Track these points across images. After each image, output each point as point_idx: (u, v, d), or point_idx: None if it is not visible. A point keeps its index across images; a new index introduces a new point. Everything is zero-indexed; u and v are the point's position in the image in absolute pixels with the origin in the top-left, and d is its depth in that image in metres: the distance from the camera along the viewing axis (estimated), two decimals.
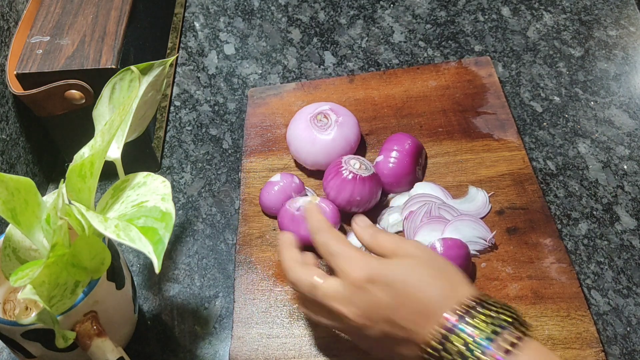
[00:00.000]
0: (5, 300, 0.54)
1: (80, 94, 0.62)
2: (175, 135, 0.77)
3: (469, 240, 0.58)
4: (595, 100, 0.72)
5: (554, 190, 0.65)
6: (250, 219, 0.66)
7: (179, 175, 0.72)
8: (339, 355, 0.55)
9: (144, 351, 0.59)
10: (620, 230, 0.61)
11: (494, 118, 0.70)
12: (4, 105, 0.65)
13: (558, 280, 0.56)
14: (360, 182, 0.60)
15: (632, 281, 0.57)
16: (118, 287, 0.52)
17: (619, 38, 0.77)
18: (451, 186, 0.65)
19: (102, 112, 0.52)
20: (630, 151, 0.66)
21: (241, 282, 0.61)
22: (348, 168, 0.60)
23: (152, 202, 0.44)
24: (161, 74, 0.53)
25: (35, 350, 0.49)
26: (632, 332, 0.54)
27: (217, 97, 0.80)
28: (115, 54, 0.61)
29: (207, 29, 0.89)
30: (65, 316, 0.47)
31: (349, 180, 0.60)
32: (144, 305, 0.62)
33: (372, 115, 0.73)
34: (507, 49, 0.79)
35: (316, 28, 0.86)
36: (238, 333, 0.58)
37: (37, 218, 0.46)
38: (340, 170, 0.60)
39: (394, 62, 0.80)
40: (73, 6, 0.67)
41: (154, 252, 0.40)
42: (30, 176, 0.69)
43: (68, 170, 0.44)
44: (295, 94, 0.76)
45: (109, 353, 0.47)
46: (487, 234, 0.59)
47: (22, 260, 0.50)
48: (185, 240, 0.67)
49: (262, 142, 0.72)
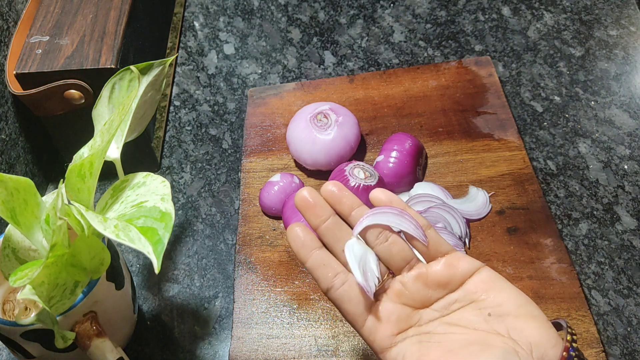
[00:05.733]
0: (5, 301, 0.54)
1: (79, 93, 0.62)
2: (174, 135, 0.76)
3: None
4: (596, 100, 0.72)
5: (554, 190, 0.64)
6: (250, 219, 0.66)
7: (179, 175, 0.72)
8: (339, 356, 0.55)
9: (144, 351, 0.59)
10: (620, 230, 0.61)
11: (494, 118, 0.70)
12: (3, 105, 0.65)
13: (558, 280, 0.56)
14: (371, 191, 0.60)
15: (632, 281, 0.57)
16: (117, 288, 0.52)
17: (619, 38, 0.77)
18: (451, 186, 0.64)
19: (102, 112, 0.52)
20: (630, 151, 0.66)
21: (241, 283, 0.61)
22: (356, 180, 0.60)
23: (152, 202, 0.44)
24: (161, 73, 0.53)
25: (34, 351, 0.49)
26: (633, 332, 0.54)
27: (216, 97, 0.80)
28: (114, 54, 0.61)
29: (207, 28, 0.89)
30: (65, 316, 0.47)
31: (359, 192, 0.59)
32: (144, 306, 0.62)
33: (372, 115, 0.73)
34: (508, 49, 0.79)
35: (316, 28, 0.86)
36: (238, 333, 0.57)
37: (36, 218, 0.46)
38: (348, 185, 0.60)
39: (394, 62, 0.80)
40: (72, 6, 0.67)
41: (154, 253, 0.40)
42: (30, 176, 0.69)
43: (67, 170, 0.44)
44: (295, 93, 0.76)
45: (108, 353, 0.47)
46: (459, 242, 0.59)
47: (22, 260, 0.50)
48: (185, 240, 0.67)
49: (261, 142, 0.72)
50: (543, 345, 0.38)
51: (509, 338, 0.39)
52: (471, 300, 0.41)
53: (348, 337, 0.56)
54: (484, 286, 0.41)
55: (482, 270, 0.42)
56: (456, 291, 0.42)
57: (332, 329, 0.56)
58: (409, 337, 0.41)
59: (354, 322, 0.42)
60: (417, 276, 0.42)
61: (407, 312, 0.42)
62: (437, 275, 0.42)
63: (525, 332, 0.39)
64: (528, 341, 0.38)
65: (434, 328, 0.41)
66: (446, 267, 0.42)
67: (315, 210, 0.43)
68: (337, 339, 0.56)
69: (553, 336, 0.38)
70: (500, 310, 0.40)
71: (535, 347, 0.38)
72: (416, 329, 0.42)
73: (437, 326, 0.41)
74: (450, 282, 0.42)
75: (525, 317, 0.39)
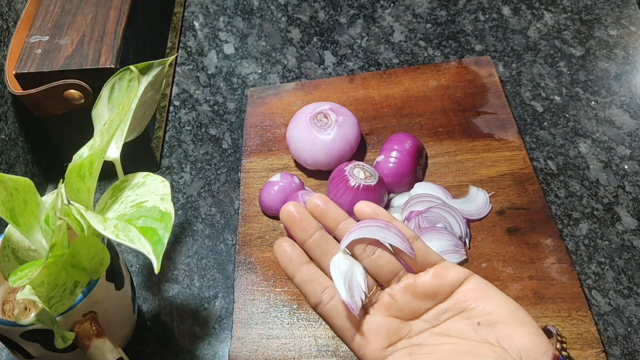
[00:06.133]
0: (5, 301, 0.54)
1: (79, 93, 0.62)
2: (174, 135, 0.76)
3: (444, 250, 0.58)
4: (596, 99, 0.71)
5: (554, 190, 0.64)
6: (250, 219, 0.66)
7: (179, 175, 0.72)
8: (339, 356, 0.55)
9: (144, 352, 0.59)
10: (621, 231, 0.61)
11: (494, 118, 0.70)
12: (3, 105, 0.65)
13: (559, 280, 0.56)
14: (372, 191, 0.60)
15: (632, 281, 0.57)
16: (117, 288, 0.52)
17: (619, 37, 0.77)
18: (451, 186, 0.64)
19: (101, 112, 0.52)
20: (631, 151, 0.66)
21: (241, 283, 0.61)
22: (356, 180, 0.60)
23: (152, 202, 0.44)
24: (160, 73, 0.53)
25: (34, 351, 0.49)
26: (633, 333, 0.54)
27: (216, 97, 0.80)
28: (114, 54, 0.61)
29: (207, 28, 0.89)
30: (65, 317, 0.47)
31: (359, 192, 0.59)
32: (144, 306, 0.62)
33: (372, 115, 0.73)
34: (508, 49, 0.79)
35: (316, 27, 0.86)
36: (238, 334, 0.57)
37: (36, 218, 0.46)
38: (348, 185, 0.60)
39: (394, 62, 0.80)
40: (72, 6, 0.67)
41: (153, 253, 0.40)
42: (29, 176, 0.69)
43: (67, 170, 0.44)
44: (295, 93, 0.76)
45: (108, 354, 0.47)
46: (459, 242, 0.59)
47: (21, 260, 0.50)
48: (185, 240, 0.67)
49: (261, 142, 0.72)
50: (533, 352, 0.38)
51: (499, 347, 0.39)
52: (461, 310, 0.41)
53: None
54: (473, 295, 0.41)
55: (471, 279, 0.42)
56: (445, 301, 0.42)
57: None
58: (399, 349, 0.41)
59: (343, 336, 0.42)
60: (405, 287, 0.42)
61: (396, 325, 0.42)
62: (425, 286, 0.42)
63: (515, 340, 0.38)
64: (518, 349, 0.38)
65: (424, 339, 0.41)
66: (435, 278, 0.42)
67: (301, 225, 0.43)
68: (337, 339, 0.56)
69: (543, 343, 0.38)
70: (490, 318, 0.40)
71: (525, 354, 0.38)
72: (406, 341, 0.42)
73: (427, 337, 0.41)
74: (439, 292, 0.42)
75: (515, 324, 0.39)
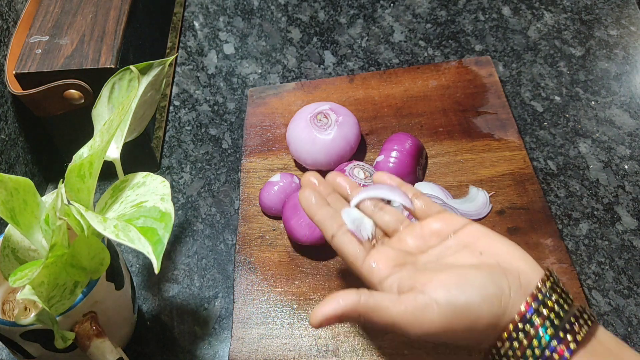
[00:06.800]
0: (5, 301, 0.54)
1: (79, 93, 0.62)
2: (174, 135, 0.76)
3: None
4: (596, 99, 0.71)
5: (554, 190, 0.64)
6: (250, 219, 0.66)
7: (179, 176, 0.72)
8: (339, 356, 0.55)
9: (144, 352, 0.59)
10: (621, 231, 0.61)
11: (494, 118, 0.70)
12: (3, 105, 0.65)
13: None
14: None
15: (633, 281, 0.57)
16: (117, 288, 0.52)
17: (619, 37, 0.77)
18: (451, 186, 0.64)
19: (101, 112, 0.52)
20: (631, 151, 0.66)
21: (241, 283, 0.61)
22: (356, 180, 0.60)
23: (152, 202, 0.44)
24: (160, 73, 0.53)
25: (34, 351, 0.49)
26: (633, 333, 0.54)
27: (216, 97, 0.80)
28: (114, 54, 0.61)
29: (207, 28, 0.89)
30: (65, 317, 0.47)
31: None
32: (144, 306, 0.62)
33: (372, 115, 0.73)
34: (508, 49, 0.79)
35: (316, 27, 0.86)
36: (238, 334, 0.57)
37: (36, 218, 0.46)
38: None
39: (394, 62, 0.80)
40: (72, 6, 0.67)
41: (153, 253, 0.40)
42: (29, 176, 0.69)
43: (67, 170, 0.44)
44: (295, 93, 0.76)
45: (108, 354, 0.47)
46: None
47: (21, 260, 0.50)
48: (185, 240, 0.67)
49: (261, 142, 0.72)
50: (530, 273, 0.41)
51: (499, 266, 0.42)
52: (464, 246, 0.44)
53: (348, 337, 0.56)
54: (476, 234, 0.45)
55: (473, 224, 0.46)
56: (449, 239, 0.45)
57: (332, 329, 0.56)
58: (406, 268, 0.44)
59: (354, 261, 0.46)
60: (412, 228, 0.47)
61: (404, 254, 0.45)
62: (431, 226, 0.46)
63: (514, 264, 0.42)
64: (517, 270, 0.41)
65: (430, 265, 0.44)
66: (439, 220, 0.46)
67: (319, 188, 0.50)
68: (337, 339, 0.56)
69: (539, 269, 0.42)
70: (492, 251, 0.43)
71: (523, 274, 0.41)
72: (413, 265, 0.45)
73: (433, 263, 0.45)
74: (443, 231, 0.46)
75: (514, 256, 0.43)
